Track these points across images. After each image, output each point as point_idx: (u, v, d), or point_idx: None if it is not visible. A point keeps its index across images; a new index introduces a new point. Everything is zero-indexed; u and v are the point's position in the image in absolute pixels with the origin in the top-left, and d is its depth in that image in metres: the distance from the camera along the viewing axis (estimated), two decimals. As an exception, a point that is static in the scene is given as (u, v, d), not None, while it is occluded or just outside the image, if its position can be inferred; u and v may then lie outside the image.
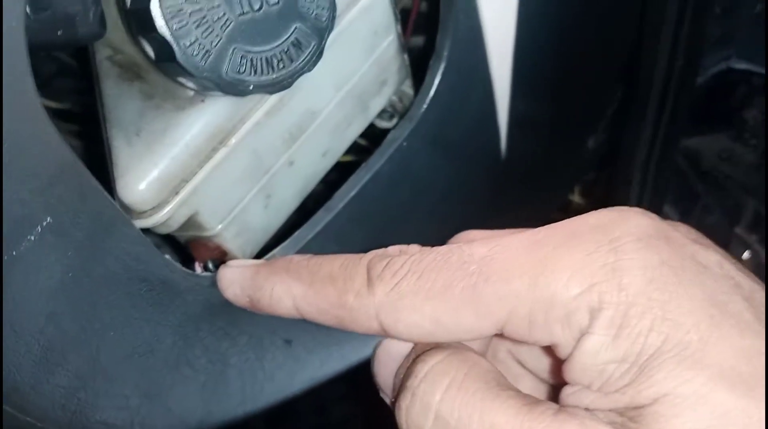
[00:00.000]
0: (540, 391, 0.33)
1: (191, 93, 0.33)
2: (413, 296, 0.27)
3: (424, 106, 0.42)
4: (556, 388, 0.30)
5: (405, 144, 0.42)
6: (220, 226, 0.36)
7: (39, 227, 0.26)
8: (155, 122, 0.33)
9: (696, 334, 0.23)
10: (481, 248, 0.27)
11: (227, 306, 0.36)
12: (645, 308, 0.24)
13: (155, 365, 0.34)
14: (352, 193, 0.41)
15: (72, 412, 0.31)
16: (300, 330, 0.42)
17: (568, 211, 0.65)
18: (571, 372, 0.25)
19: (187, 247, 0.37)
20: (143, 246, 0.31)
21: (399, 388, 0.28)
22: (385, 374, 0.30)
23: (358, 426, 0.79)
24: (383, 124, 0.45)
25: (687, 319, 0.24)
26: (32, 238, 0.26)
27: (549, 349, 0.27)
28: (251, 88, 0.30)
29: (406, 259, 0.28)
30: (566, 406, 0.25)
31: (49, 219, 0.26)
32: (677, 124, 0.58)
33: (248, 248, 0.38)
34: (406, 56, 0.42)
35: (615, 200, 0.62)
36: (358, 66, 0.39)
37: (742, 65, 0.56)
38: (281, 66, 0.30)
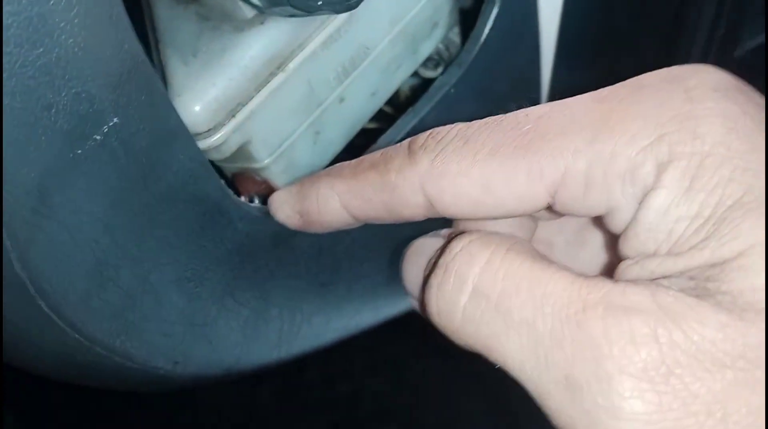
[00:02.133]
0: None
1: (250, 15, 0.32)
2: (460, 160, 0.24)
3: (474, 52, 0.41)
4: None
5: (452, 91, 0.41)
6: (269, 159, 0.35)
7: (105, 127, 0.25)
8: (213, 43, 0.32)
9: None
10: (538, 109, 0.24)
11: (273, 241, 0.35)
12: (724, 158, 0.21)
13: (202, 294, 0.33)
14: (398, 138, 0.40)
15: (117, 334, 0.30)
16: (337, 277, 0.41)
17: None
18: (632, 239, 0.23)
19: (233, 180, 0.36)
20: (202, 164, 0.30)
21: (430, 269, 0.25)
22: (414, 272, 0.27)
23: (366, 400, 0.78)
24: (428, 73, 0.44)
25: None
26: (98, 137, 0.25)
27: (602, 226, 0.25)
28: (320, 3, 0.29)
29: (452, 127, 0.26)
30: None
31: (116, 119, 0.25)
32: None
33: (295, 184, 0.37)
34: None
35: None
36: (413, 2, 0.38)
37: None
38: (351, -16, 0.30)
